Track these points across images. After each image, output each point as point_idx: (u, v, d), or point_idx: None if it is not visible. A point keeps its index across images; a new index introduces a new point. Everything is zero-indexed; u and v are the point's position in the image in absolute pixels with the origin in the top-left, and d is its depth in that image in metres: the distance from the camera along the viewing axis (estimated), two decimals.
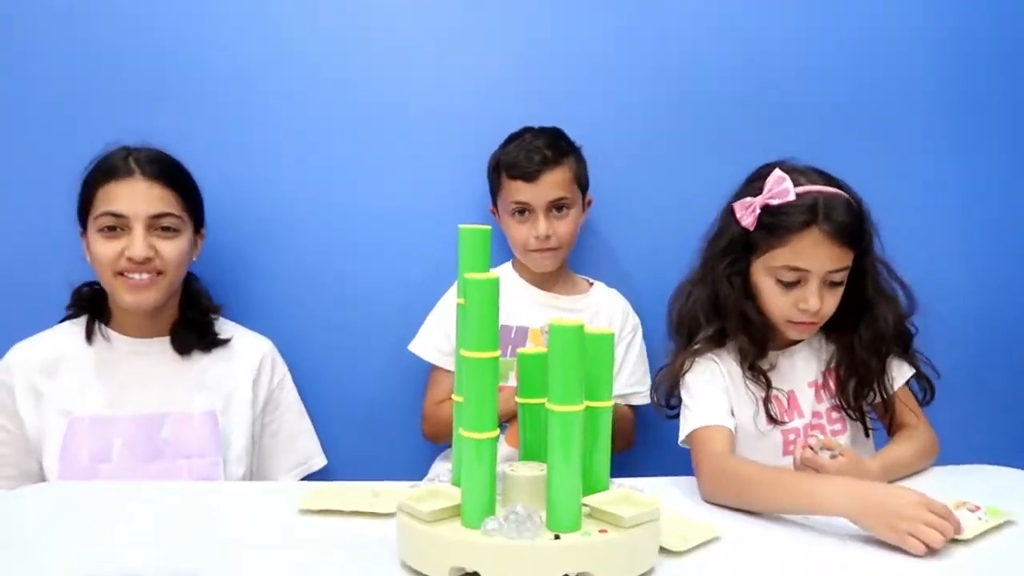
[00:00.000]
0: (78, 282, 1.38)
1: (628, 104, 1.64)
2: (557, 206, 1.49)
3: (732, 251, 1.24)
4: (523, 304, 1.54)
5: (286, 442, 1.46)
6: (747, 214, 1.21)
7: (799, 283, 1.20)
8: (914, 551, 0.93)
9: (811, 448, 1.13)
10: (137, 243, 1.26)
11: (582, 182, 1.53)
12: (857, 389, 1.27)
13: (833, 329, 1.28)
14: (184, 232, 1.33)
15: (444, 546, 0.84)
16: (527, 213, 1.50)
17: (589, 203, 1.57)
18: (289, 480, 1.44)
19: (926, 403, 1.30)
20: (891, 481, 1.14)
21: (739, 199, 1.24)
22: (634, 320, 1.59)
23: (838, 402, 1.28)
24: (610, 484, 0.93)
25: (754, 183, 1.25)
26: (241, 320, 1.48)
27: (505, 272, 1.59)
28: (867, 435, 1.31)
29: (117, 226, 1.28)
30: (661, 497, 0.91)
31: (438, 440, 1.55)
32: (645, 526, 0.86)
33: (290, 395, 1.47)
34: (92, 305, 1.36)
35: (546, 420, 0.95)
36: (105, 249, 1.28)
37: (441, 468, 1.52)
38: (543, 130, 1.52)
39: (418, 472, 1.52)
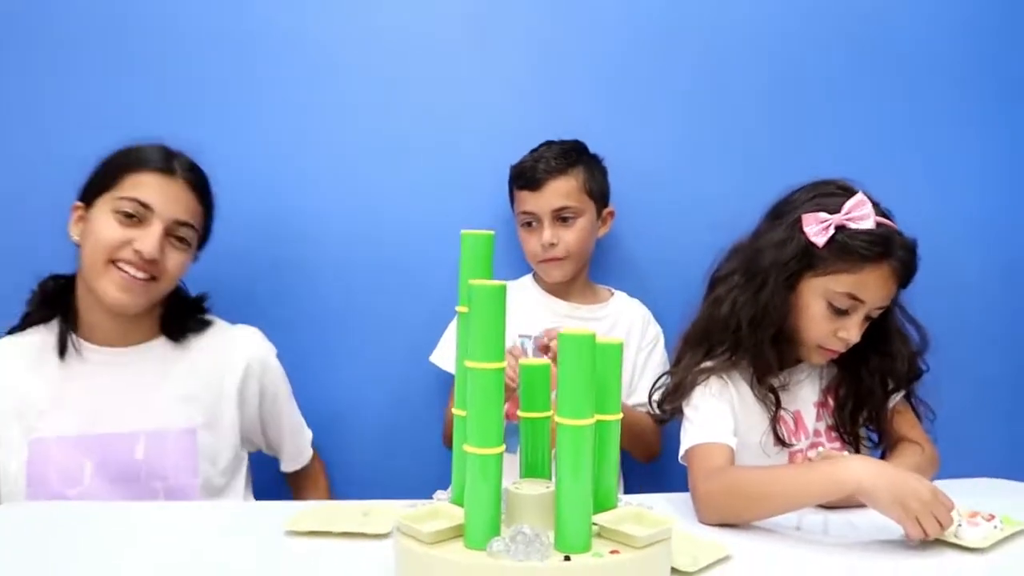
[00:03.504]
0: (23, 270, 1.26)
1: (650, 111, 1.63)
2: (562, 216, 1.47)
3: (792, 263, 1.19)
4: (543, 314, 1.52)
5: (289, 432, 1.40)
6: (821, 231, 1.16)
7: (848, 312, 1.18)
8: (913, 535, 0.97)
9: (811, 461, 1.11)
10: (151, 239, 1.19)
11: (595, 192, 1.50)
12: (854, 413, 1.25)
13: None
14: (191, 248, 1.28)
15: (447, 569, 0.78)
16: (535, 224, 1.49)
17: (610, 215, 1.55)
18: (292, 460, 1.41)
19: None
20: None
21: (804, 211, 1.19)
22: (656, 329, 1.56)
23: (835, 423, 1.26)
24: (618, 501, 0.88)
25: (824, 198, 1.19)
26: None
27: (526, 283, 1.59)
28: None
29: (136, 215, 1.20)
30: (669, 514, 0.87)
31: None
32: (658, 546, 0.81)
33: (280, 393, 1.37)
34: (61, 307, 1.25)
35: (546, 435, 0.91)
36: (113, 232, 1.19)
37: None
38: (559, 142, 1.51)
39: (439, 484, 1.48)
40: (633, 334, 1.53)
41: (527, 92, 1.61)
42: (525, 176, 1.48)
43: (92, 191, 1.23)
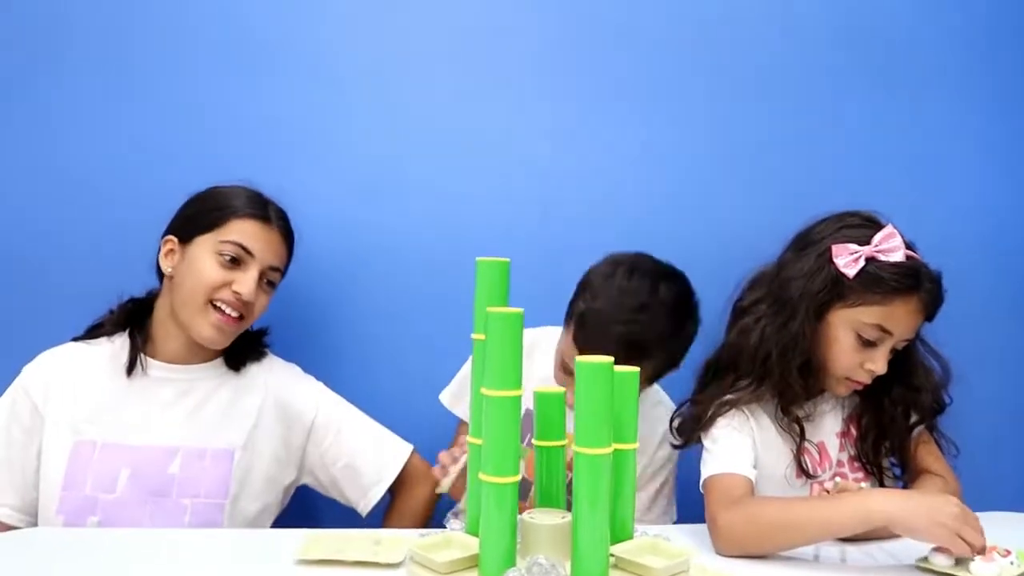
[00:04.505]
0: (98, 288, 1.32)
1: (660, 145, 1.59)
2: None
3: (822, 294, 1.18)
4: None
5: (357, 466, 1.35)
6: (851, 262, 1.16)
7: (875, 343, 1.17)
8: (960, 552, 0.97)
9: (827, 492, 1.09)
10: (250, 283, 1.26)
11: (660, 375, 1.26)
12: (876, 443, 1.24)
13: None
14: (275, 290, 1.34)
15: None
16: (570, 362, 1.18)
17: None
18: (377, 495, 1.35)
19: None
20: None
21: (833, 241, 1.18)
22: (666, 450, 1.33)
23: (857, 453, 1.25)
24: (634, 532, 0.87)
25: (851, 230, 1.19)
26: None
27: (551, 339, 1.30)
28: (882, 487, 1.25)
29: (240, 259, 1.27)
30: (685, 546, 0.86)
31: (458, 497, 1.33)
32: None
33: (335, 415, 1.36)
34: (136, 326, 1.31)
35: (561, 464, 0.90)
36: (216, 274, 1.25)
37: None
38: (647, 307, 1.18)
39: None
40: (651, 444, 1.33)
41: (548, 107, 1.58)
42: (583, 338, 1.18)
43: (189, 229, 1.29)
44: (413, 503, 1.37)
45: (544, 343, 1.33)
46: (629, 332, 1.16)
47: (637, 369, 0.88)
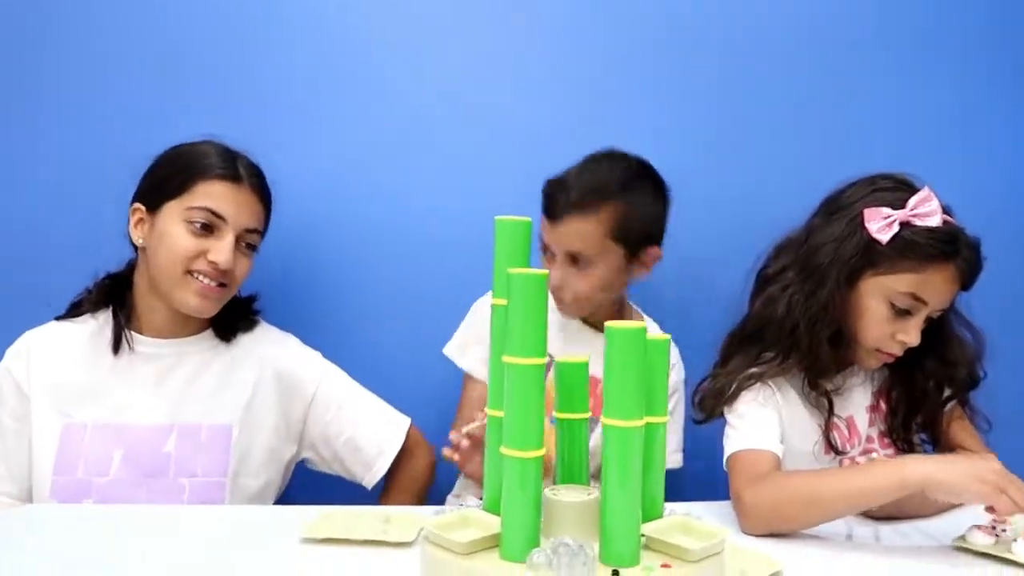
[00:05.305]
0: (71, 268, 1.26)
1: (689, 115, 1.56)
2: (572, 258, 1.28)
3: (853, 261, 1.12)
4: (551, 329, 1.36)
5: (359, 440, 1.31)
6: (884, 227, 1.09)
7: (909, 313, 1.11)
8: (1004, 510, 0.93)
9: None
10: (226, 250, 1.19)
11: (627, 236, 1.27)
12: (907, 418, 1.19)
13: None
14: (254, 252, 1.27)
15: None
16: (549, 254, 1.31)
17: (653, 258, 1.33)
18: (382, 469, 1.31)
19: None
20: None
21: (865, 205, 1.12)
22: (677, 375, 1.38)
23: (887, 428, 1.19)
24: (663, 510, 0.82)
25: (885, 193, 1.13)
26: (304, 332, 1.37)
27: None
28: None
29: (212, 226, 1.19)
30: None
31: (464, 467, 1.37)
32: (711, 559, 0.75)
33: (336, 390, 1.32)
34: (117, 302, 1.24)
35: (584, 437, 0.85)
36: (188, 243, 1.18)
37: (468, 484, 1.40)
38: (602, 164, 1.29)
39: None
40: None
41: (558, 83, 1.55)
42: (547, 201, 1.29)
43: (156, 195, 1.21)
44: (413, 474, 1.34)
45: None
46: (585, 174, 1.25)
47: (667, 336, 0.82)
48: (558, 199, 1.26)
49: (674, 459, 1.37)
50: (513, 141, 1.53)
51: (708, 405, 1.18)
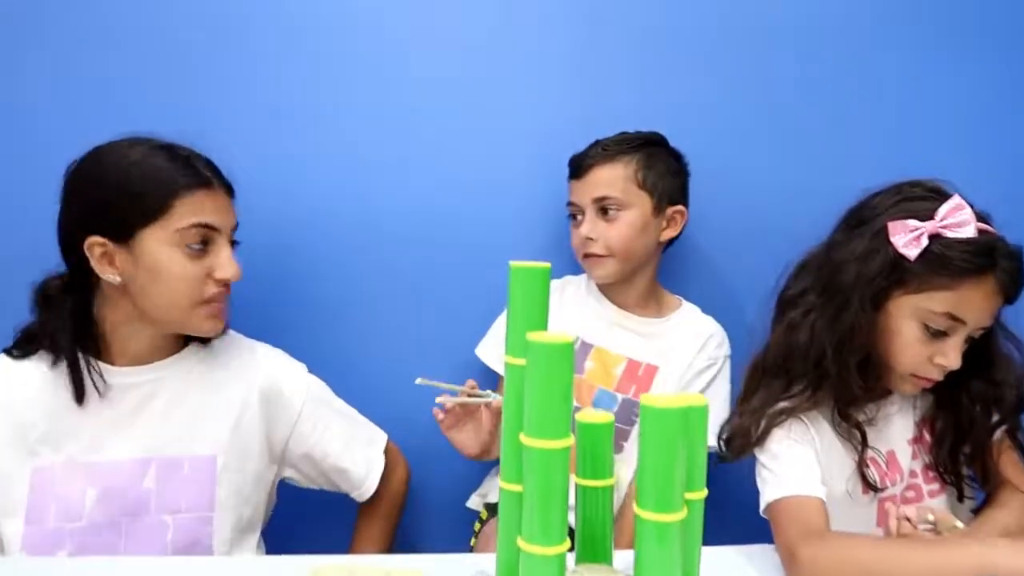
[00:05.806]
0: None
1: (724, 105, 1.45)
2: (602, 207, 1.28)
3: (879, 280, 1.01)
4: (588, 317, 1.34)
5: (344, 461, 1.24)
6: (911, 241, 0.98)
7: (946, 334, 1.00)
8: None
9: (908, 520, 0.95)
10: (230, 263, 1.08)
11: (652, 185, 1.29)
12: (954, 448, 1.07)
13: None
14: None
15: None
16: (579, 216, 1.32)
17: (679, 215, 1.32)
18: (371, 488, 1.26)
19: None
20: None
21: (890, 218, 1.01)
22: (726, 350, 1.34)
23: (932, 461, 1.09)
24: None
25: (912, 203, 1.01)
26: (279, 336, 1.27)
27: (579, 281, 1.40)
28: (961, 500, 1.10)
29: (207, 240, 1.07)
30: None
31: (492, 456, 1.30)
32: None
33: (320, 408, 1.23)
34: (84, 345, 1.07)
35: (609, 507, 0.75)
36: (190, 270, 1.05)
37: (493, 485, 1.35)
38: (624, 133, 1.32)
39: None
40: (690, 350, 1.31)
41: (554, 85, 1.44)
42: (573, 163, 1.32)
43: (122, 225, 1.04)
44: (391, 487, 1.31)
45: (573, 283, 1.40)
46: (607, 138, 1.31)
47: (705, 400, 0.72)
48: (584, 157, 1.31)
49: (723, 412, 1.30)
50: (513, 141, 1.42)
51: (737, 445, 1.07)
